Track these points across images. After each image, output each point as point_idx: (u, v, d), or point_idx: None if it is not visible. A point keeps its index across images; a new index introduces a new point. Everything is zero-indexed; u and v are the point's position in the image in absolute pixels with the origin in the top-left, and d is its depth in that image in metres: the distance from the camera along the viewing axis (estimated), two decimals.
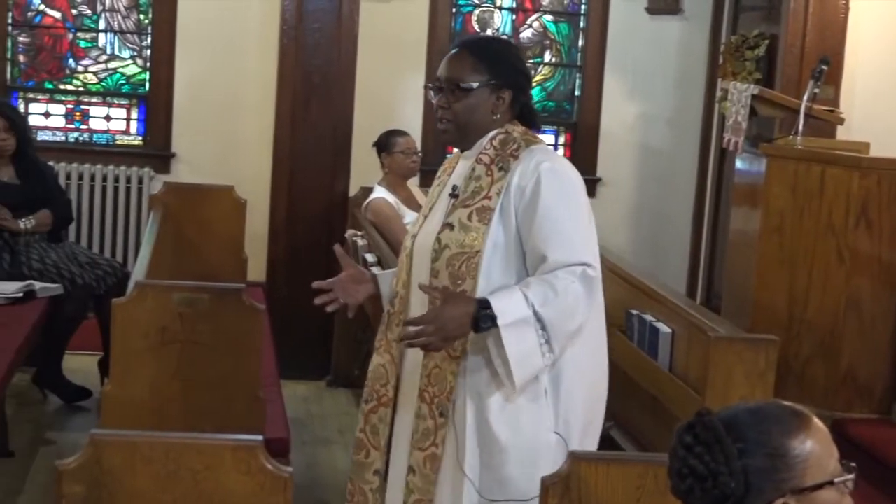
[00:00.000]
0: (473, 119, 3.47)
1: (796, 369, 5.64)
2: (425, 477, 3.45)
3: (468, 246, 3.38)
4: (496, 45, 3.68)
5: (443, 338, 3.27)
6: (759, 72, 7.73)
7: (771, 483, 2.20)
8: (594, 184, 8.70)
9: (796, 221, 5.71)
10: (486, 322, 3.24)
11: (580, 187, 3.42)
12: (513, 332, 3.24)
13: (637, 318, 5.16)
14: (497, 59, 3.49)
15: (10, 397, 6.28)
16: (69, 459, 2.90)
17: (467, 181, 3.48)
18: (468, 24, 8.82)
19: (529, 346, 3.25)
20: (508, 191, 3.38)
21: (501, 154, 3.45)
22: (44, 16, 8.43)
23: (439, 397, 3.43)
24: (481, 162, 3.47)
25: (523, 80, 3.54)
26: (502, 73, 3.47)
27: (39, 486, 5.55)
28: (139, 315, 4.61)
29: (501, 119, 3.49)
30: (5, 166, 6.72)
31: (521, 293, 3.26)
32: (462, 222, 3.42)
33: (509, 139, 3.47)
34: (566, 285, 3.26)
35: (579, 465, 2.90)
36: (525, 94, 3.55)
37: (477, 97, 3.45)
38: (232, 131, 8.32)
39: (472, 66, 3.45)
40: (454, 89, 3.45)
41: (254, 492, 2.92)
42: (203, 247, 7.26)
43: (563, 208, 3.33)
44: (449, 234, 3.43)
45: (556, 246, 3.30)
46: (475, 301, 3.28)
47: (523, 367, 3.27)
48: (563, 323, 3.28)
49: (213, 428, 4.30)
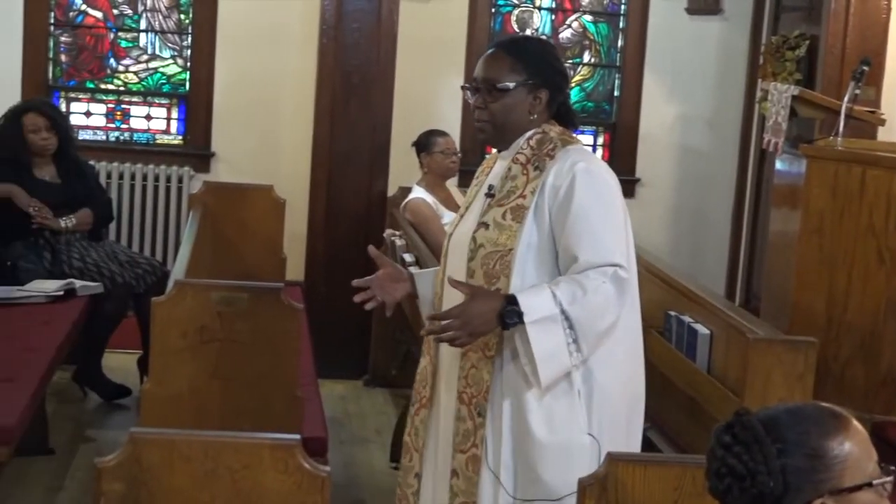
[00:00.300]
0: (510, 119, 3.47)
1: (835, 371, 5.60)
2: (468, 479, 3.45)
3: (501, 244, 3.38)
4: (533, 44, 3.68)
5: (468, 333, 3.27)
6: (799, 72, 7.70)
7: (809, 483, 2.19)
8: (633, 185, 8.68)
9: (836, 223, 5.68)
10: (512, 318, 3.24)
11: (615, 189, 3.41)
12: (539, 330, 3.24)
13: (675, 319, 5.15)
14: (534, 58, 3.48)
15: (50, 395, 6.32)
16: (108, 457, 2.92)
17: (503, 181, 3.48)
18: (507, 25, 8.82)
19: (556, 345, 3.25)
20: (543, 190, 3.38)
21: (538, 154, 3.44)
22: (85, 16, 8.49)
23: (477, 398, 3.43)
24: (517, 162, 3.46)
25: (560, 79, 3.52)
26: (539, 72, 3.46)
27: (79, 484, 5.58)
28: (178, 314, 4.62)
29: (539, 119, 3.48)
30: (47, 165, 6.76)
31: (549, 291, 3.26)
32: (497, 221, 3.42)
33: (546, 139, 3.46)
34: (596, 285, 3.25)
35: (616, 466, 2.89)
36: (562, 93, 3.53)
37: (514, 97, 3.45)
38: (271, 131, 8.36)
39: (510, 66, 3.44)
40: (491, 90, 3.45)
41: (291, 491, 2.93)
42: (242, 246, 7.29)
43: (595, 209, 3.32)
44: (484, 232, 3.43)
45: (587, 246, 3.29)
46: (502, 297, 3.28)
47: (549, 365, 3.27)
48: (591, 322, 3.27)
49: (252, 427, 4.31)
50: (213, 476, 2.92)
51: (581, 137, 8.75)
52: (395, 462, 6.10)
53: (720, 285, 8.75)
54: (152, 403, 4.65)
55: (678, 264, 7.21)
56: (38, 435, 5.80)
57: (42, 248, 6.61)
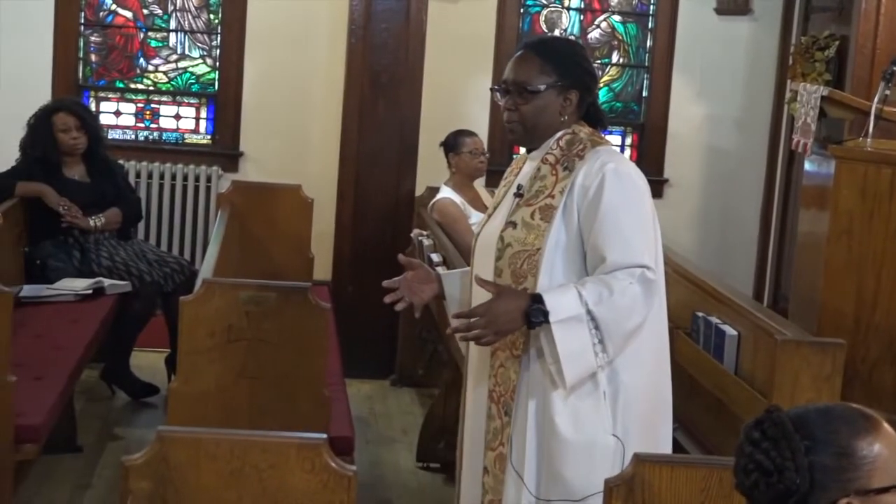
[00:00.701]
0: (541, 121, 3.47)
1: (863, 373, 5.57)
2: (496, 477, 3.48)
3: (529, 244, 3.39)
4: (562, 45, 3.69)
5: (494, 331, 3.28)
6: (828, 73, 7.66)
7: (836, 482, 2.20)
8: (661, 185, 8.67)
9: (865, 224, 5.65)
10: (538, 317, 3.25)
11: (644, 190, 3.41)
12: (564, 329, 3.24)
13: (703, 320, 5.13)
14: (563, 59, 3.48)
15: (78, 393, 6.35)
16: (136, 455, 2.93)
17: (532, 181, 3.48)
18: (536, 25, 8.81)
19: (581, 345, 3.26)
20: (572, 190, 3.38)
21: (567, 154, 3.44)
22: (115, 15, 8.52)
23: (504, 396, 3.45)
24: (546, 162, 3.47)
25: (590, 79, 3.53)
26: (569, 73, 3.46)
27: (107, 481, 5.60)
28: (206, 313, 4.64)
29: (569, 120, 3.49)
30: (77, 165, 6.80)
31: (575, 291, 3.26)
32: (525, 220, 3.42)
33: (576, 140, 3.47)
34: (623, 286, 3.25)
35: (643, 466, 2.89)
36: (591, 94, 3.54)
37: (544, 99, 3.45)
38: (299, 131, 8.37)
39: (539, 68, 3.45)
40: (521, 92, 3.45)
41: (317, 490, 2.93)
42: (270, 245, 7.31)
43: (624, 210, 3.32)
44: (511, 232, 3.43)
45: (615, 247, 3.29)
46: (528, 296, 3.29)
47: (575, 366, 3.27)
48: (618, 323, 3.27)
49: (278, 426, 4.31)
50: (240, 475, 2.93)
51: (609, 138, 8.72)
52: (421, 462, 6.10)
53: (748, 286, 8.72)
54: (180, 402, 4.67)
55: (706, 265, 7.19)
56: (66, 433, 5.83)
57: (71, 246, 6.65)
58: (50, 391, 4.84)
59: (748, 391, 4.59)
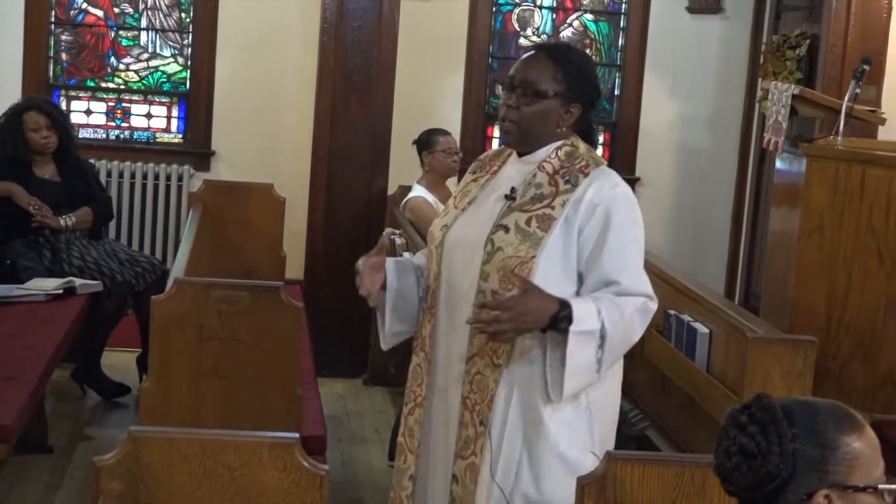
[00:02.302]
0: (538, 127, 3.40)
1: (834, 371, 5.60)
2: (465, 487, 3.40)
3: (523, 251, 3.30)
4: (577, 56, 3.55)
5: (517, 327, 3.19)
6: (800, 71, 7.70)
7: (816, 472, 2.23)
8: (633, 183, 8.67)
9: (836, 222, 5.67)
10: (563, 323, 3.19)
11: (640, 217, 3.41)
12: (579, 341, 3.20)
13: (675, 318, 5.15)
14: (576, 71, 3.41)
15: (49, 393, 6.32)
16: (107, 455, 2.91)
17: (527, 186, 3.40)
18: (508, 23, 8.82)
19: (587, 359, 3.23)
20: (578, 206, 3.31)
21: (568, 167, 3.38)
22: (86, 14, 8.50)
23: (480, 405, 3.37)
24: (544, 170, 3.39)
25: (596, 97, 3.48)
26: (578, 86, 3.40)
27: (78, 482, 5.58)
28: (178, 312, 4.62)
29: (565, 132, 3.43)
30: (47, 164, 6.76)
31: (594, 306, 3.23)
32: (519, 226, 3.34)
33: (575, 153, 3.40)
34: (631, 312, 3.26)
35: (615, 465, 2.89)
36: (593, 109, 3.49)
37: (548, 105, 3.38)
38: (271, 129, 8.36)
39: (552, 74, 3.38)
40: (528, 92, 3.37)
41: (290, 489, 2.93)
42: (242, 244, 7.29)
43: (633, 237, 3.33)
44: (503, 236, 3.34)
45: (628, 273, 3.28)
46: (557, 300, 3.21)
47: (577, 379, 3.24)
48: (618, 346, 3.29)
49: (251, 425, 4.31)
50: (212, 474, 2.92)
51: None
52: (393, 460, 6.09)
53: (720, 284, 8.75)
54: (151, 402, 4.65)
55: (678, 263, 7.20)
56: (36, 433, 5.80)
57: (42, 246, 6.61)
58: (20, 391, 4.82)
59: (720, 389, 4.60)
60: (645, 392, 5.65)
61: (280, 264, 7.34)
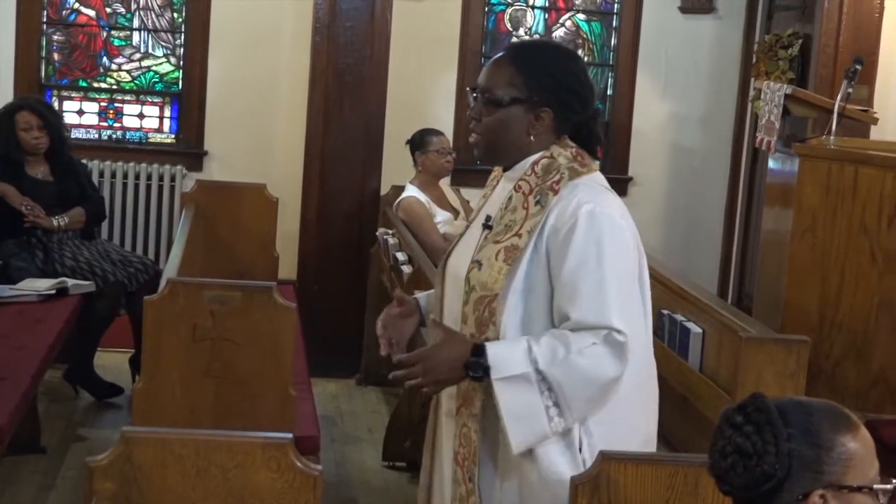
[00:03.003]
0: (504, 137, 3.08)
1: (827, 370, 5.60)
2: None
3: (489, 288, 3.00)
4: (542, 54, 3.17)
5: (433, 381, 2.97)
6: (792, 71, 7.70)
7: (811, 472, 2.23)
8: (626, 183, 8.68)
9: (829, 222, 5.68)
10: (478, 371, 2.91)
11: (624, 235, 2.99)
12: (508, 388, 2.89)
13: (668, 317, 5.15)
14: (538, 72, 3.06)
15: (42, 394, 6.31)
16: (100, 456, 2.91)
17: (502, 211, 3.08)
18: (500, 23, 8.82)
19: (529, 407, 2.89)
20: (542, 231, 2.98)
21: (542, 185, 3.04)
22: (78, 14, 8.48)
23: (468, 460, 3.09)
24: (520, 190, 3.07)
25: (571, 97, 3.07)
26: (541, 89, 3.05)
27: (71, 483, 5.57)
28: (171, 312, 4.62)
29: (541, 141, 3.08)
30: (40, 164, 6.75)
31: (525, 346, 2.90)
32: (490, 261, 3.03)
33: (553, 166, 3.05)
34: (583, 345, 2.88)
35: (609, 464, 2.88)
36: (575, 112, 3.09)
37: (508, 114, 3.06)
38: (264, 129, 8.35)
39: (509, 78, 3.05)
40: (486, 101, 3.07)
41: (283, 490, 2.92)
42: (234, 244, 7.29)
43: (594, 261, 2.91)
44: (476, 273, 3.05)
45: (580, 304, 2.90)
46: (471, 345, 2.93)
47: (521, 429, 2.91)
48: (575, 387, 2.90)
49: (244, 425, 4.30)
50: (206, 475, 2.92)
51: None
52: (386, 461, 6.10)
53: (713, 284, 8.75)
54: (144, 402, 4.65)
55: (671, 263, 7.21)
56: (29, 434, 5.80)
57: (34, 246, 6.61)
58: (13, 392, 4.81)
59: (713, 388, 4.60)
60: None
61: (273, 264, 7.33)
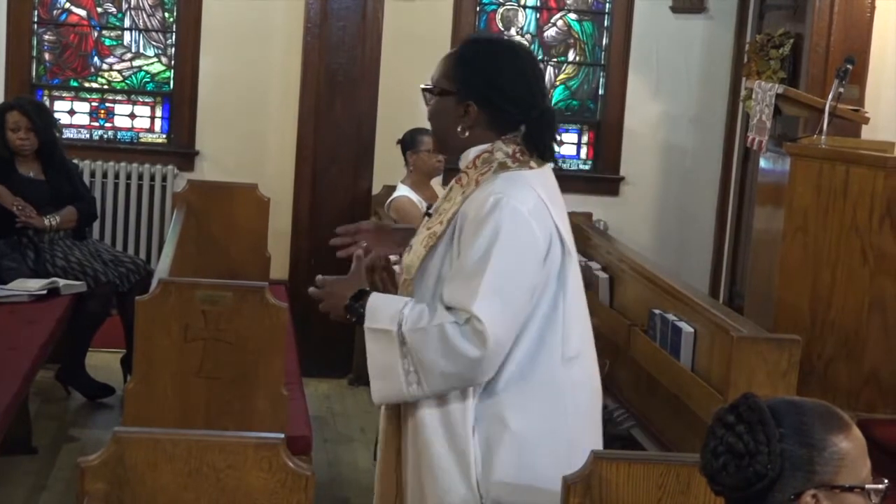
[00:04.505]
0: (438, 125, 3.21)
1: (819, 369, 5.62)
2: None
3: (409, 272, 3.13)
4: (484, 51, 3.21)
5: (327, 306, 3.17)
6: (783, 71, 7.71)
7: (804, 472, 2.23)
8: (617, 183, 8.69)
9: (820, 221, 5.69)
10: (354, 314, 3.10)
11: (525, 233, 2.98)
12: (375, 340, 3.05)
13: (660, 317, 5.16)
14: (468, 67, 3.13)
15: (33, 394, 6.30)
16: (92, 456, 2.91)
17: (442, 201, 3.19)
18: (492, 23, 8.82)
19: (390, 364, 3.02)
20: (457, 219, 3.04)
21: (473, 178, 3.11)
22: (69, 14, 8.47)
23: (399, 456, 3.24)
24: (459, 182, 3.14)
25: (498, 96, 3.10)
26: (466, 83, 3.11)
27: (62, 483, 5.57)
28: (162, 312, 4.61)
29: (480, 135, 3.12)
30: (32, 162, 6.74)
31: (401, 306, 3.02)
32: (416, 245, 3.15)
33: (489, 160, 3.10)
34: (442, 322, 2.93)
35: (601, 464, 2.89)
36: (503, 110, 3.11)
37: (441, 104, 3.18)
38: (256, 129, 8.35)
39: (446, 71, 3.18)
40: (427, 89, 3.23)
41: (275, 489, 2.92)
42: (226, 244, 7.28)
43: (482, 249, 2.95)
44: (407, 255, 3.18)
45: (454, 285, 2.97)
46: (358, 290, 3.11)
47: (381, 384, 3.05)
48: (428, 358, 2.95)
49: (236, 425, 4.31)
50: (198, 475, 2.91)
51: (565, 136, 8.84)
52: None
53: (704, 283, 8.76)
54: (136, 402, 4.64)
55: (662, 262, 7.22)
56: (21, 434, 5.79)
57: (25, 246, 6.60)
58: (4, 392, 4.80)
59: (704, 388, 4.61)
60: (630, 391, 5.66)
61: (264, 264, 7.32)
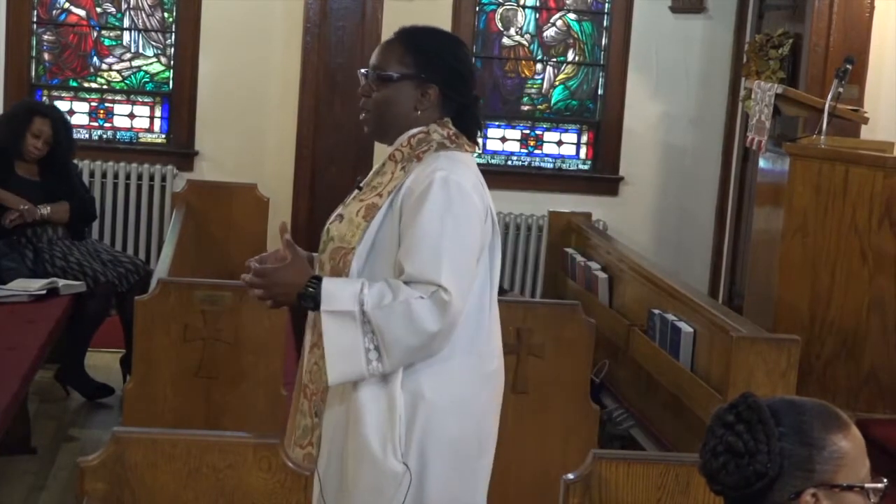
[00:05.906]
0: (391, 111, 3.28)
1: (818, 369, 5.62)
2: None
3: (346, 241, 3.20)
4: (432, 37, 3.38)
5: (272, 297, 3.20)
6: (783, 71, 7.71)
7: (803, 471, 2.23)
8: (617, 183, 8.69)
9: (820, 221, 5.69)
10: (308, 302, 3.13)
11: (471, 205, 3.15)
12: (334, 322, 3.09)
13: (659, 317, 5.16)
14: (427, 52, 3.28)
15: (32, 394, 6.30)
16: (91, 456, 2.90)
17: (374, 176, 3.32)
18: (491, 23, 8.82)
19: (350, 345, 3.07)
20: (399, 192, 3.18)
21: (412, 154, 3.25)
22: (68, 14, 8.47)
23: (316, 396, 3.26)
24: (393, 159, 3.28)
25: (455, 77, 3.28)
26: (429, 67, 3.25)
27: (62, 483, 5.56)
28: (162, 312, 4.62)
29: (426, 116, 3.27)
30: (31, 165, 6.72)
31: (358, 287, 3.08)
32: (350, 216, 3.24)
33: (426, 140, 3.25)
34: (410, 297, 3.03)
35: (600, 464, 2.89)
36: (459, 92, 3.29)
37: (397, 89, 3.26)
38: (255, 129, 8.35)
39: (399, 57, 3.26)
40: (376, 77, 3.27)
41: (274, 489, 2.92)
42: (225, 244, 7.28)
43: (437, 222, 3.09)
44: (337, 225, 3.26)
45: (416, 259, 3.07)
46: (309, 276, 3.15)
47: (340, 363, 3.08)
48: (396, 334, 3.05)
49: (235, 425, 4.31)
50: (197, 475, 2.91)
51: (565, 136, 8.85)
52: None
53: (703, 283, 8.76)
54: (135, 402, 4.65)
55: (662, 262, 7.23)
56: (20, 434, 5.78)
57: (24, 247, 6.59)
58: (4, 392, 4.80)
59: (704, 388, 4.62)
60: (629, 391, 5.66)
61: None
